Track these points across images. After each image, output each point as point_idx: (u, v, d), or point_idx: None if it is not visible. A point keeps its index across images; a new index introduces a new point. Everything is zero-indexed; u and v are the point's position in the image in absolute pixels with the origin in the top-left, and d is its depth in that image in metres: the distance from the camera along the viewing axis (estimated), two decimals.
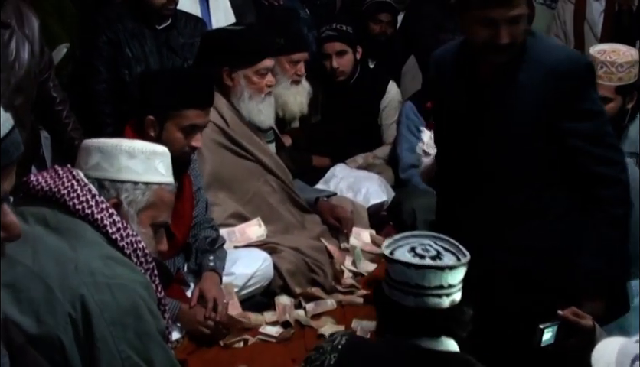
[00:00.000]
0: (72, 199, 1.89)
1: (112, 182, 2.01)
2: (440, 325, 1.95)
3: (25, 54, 3.32)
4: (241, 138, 3.51)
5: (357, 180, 4.17)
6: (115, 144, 2.04)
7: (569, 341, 2.40)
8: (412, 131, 4.34)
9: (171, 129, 2.86)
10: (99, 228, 1.89)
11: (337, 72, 4.52)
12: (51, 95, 3.53)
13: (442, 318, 1.95)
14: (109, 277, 1.80)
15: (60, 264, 1.77)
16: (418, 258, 1.96)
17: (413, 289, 1.93)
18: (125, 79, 3.80)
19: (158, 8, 3.81)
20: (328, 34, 4.54)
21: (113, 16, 3.83)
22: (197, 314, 2.86)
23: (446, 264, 1.94)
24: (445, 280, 1.93)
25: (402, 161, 4.35)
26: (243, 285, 3.13)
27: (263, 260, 3.22)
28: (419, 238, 2.05)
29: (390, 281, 1.98)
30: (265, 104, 3.55)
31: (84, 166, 2.02)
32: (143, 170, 2.04)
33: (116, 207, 1.96)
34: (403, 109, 4.41)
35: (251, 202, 3.50)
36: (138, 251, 1.93)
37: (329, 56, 4.51)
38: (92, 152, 2.03)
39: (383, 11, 5.23)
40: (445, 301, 1.94)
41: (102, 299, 1.77)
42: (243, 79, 3.47)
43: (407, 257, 1.96)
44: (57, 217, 1.87)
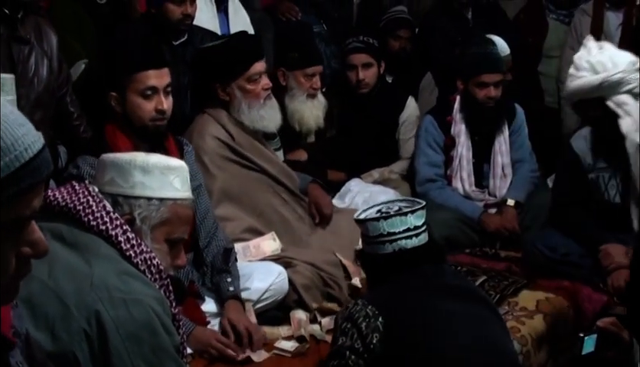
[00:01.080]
0: (87, 215, 1.90)
1: (126, 198, 2.01)
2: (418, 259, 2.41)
3: (44, 70, 3.36)
4: (248, 151, 3.52)
5: (372, 194, 4.17)
6: (129, 160, 2.04)
7: (608, 352, 2.42)
8: (431, 145, 4.33)
9: (132, 98, 2.88)
10: (113, 244, 1.89)
11: (362, 84, 4.53)
12: (69, 110, 3.57)
13: (419, 254, 2.42)
14: (125, 292, 1.80)
15: (76, 280, 1.78)
16: (384, 214, 2.44)
17: (386, 237, 2.42)
18: None
19: (175, 23, 3.83)
20: (356, 46, 4.55)
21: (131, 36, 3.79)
22: (210, 338, 2.81)
23: (408, 209, 2.45)
24: (411, 223, 2.42)
25: (419, 175, 4.34)
26: (258, 299, 3.13)
27: (278, 274, 3.22)
28: (383, 204, 2.53)
29: (367, 240, 2.47)
30: (266, 108, 3.54)
31: (100, 181, 2.04)
32: (158, 185, 2.04)
33: (129, 223, 1.97)
34: (423, 123, 4.40)
35: (263, 215, 3.51)
36: (153, 267, 1.94)
37: (355, 68, 4.52)
38: (107, 167, 2.05)
39: (402, 28, 5.24)
40: (415, 240, 2.42)
41: (117, 314, 1.77)
42: (237, 90, 3.47)
43: (375, 215, 2.45)
44: (73, 233, 1.88)
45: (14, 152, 1.03)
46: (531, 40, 5.25)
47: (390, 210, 2.46)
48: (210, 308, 3.01)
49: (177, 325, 1.97)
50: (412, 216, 2.43)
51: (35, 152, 1.05)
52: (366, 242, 2.50)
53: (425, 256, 2.45)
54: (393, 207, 2.49)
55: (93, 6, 4.06)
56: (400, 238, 2.42)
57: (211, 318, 2.97)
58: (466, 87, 4.21)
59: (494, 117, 4.26)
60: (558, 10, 5.23)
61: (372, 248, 2.47)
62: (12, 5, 3.24)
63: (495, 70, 4.18)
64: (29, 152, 1.04)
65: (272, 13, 4.97)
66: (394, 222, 2.42)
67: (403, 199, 2.65)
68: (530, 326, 3.31)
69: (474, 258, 3.98)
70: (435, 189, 4.28)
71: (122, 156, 2.08)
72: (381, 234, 2.43)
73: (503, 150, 4.32)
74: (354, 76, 4.53)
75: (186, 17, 3.83)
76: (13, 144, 1.03)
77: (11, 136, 1.03)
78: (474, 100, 4.19)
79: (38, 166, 1.06)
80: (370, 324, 2.27)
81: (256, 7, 4.77)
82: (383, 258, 2.44)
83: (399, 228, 2.42)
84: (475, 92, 4.17)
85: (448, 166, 4.34)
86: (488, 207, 4.28)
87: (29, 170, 1.04)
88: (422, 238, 2.45)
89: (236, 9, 4.39)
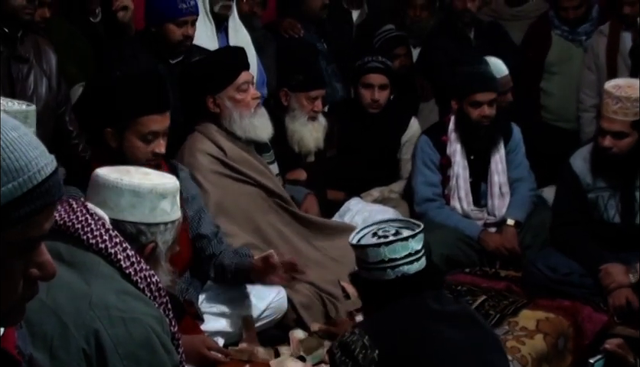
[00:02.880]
0: (86, 233, 1.89)
1: (149, 225, 2.04)
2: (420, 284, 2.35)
3: (43, 89, 3.37)
4: (240, 165, 3.51)
5: (371, 214, 4.16)
6: (150, 188, 2.05)
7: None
8: (427, 165, 4.33)
9: (131, 139, 2.81)
10: (112, 263, 1.88)
11: (376, 104, 4.54)
12: (68, 129, 3.57)
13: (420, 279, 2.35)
14: (124, 311, 1.79)
15: (74, 299, 1.77)
16: (382, 239, 2.36)
17: (388, 263, 2.33)
18: None
19: (175, 44, 3.82)
20: (375, 66, 4.56)
21: (127, 52, 3.84)
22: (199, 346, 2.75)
23: (409, 234, 2.36)
24: (412, 247, 2.34)
25: (417, 195, 4.33)
26: (257, 318, 3.12)
27: (277, 292, 3.20)
28: (375, 225, 2.46)
29: (366, 266, 2.37)
30: (257, 117, 3.53)
31: (115, 208, 2.03)
32: (170, 209, 2.09)
33: (153, 250, 2.00)
34: (418, 143, 4.40)
35: (259, 230, 3.50)
36: (152, 285, 1.93)
37: (371, 87, 4.53)
38: (124, 193, 2.05)
39: (398, 45, 5.26)
40: (416, 265, 2.34)
41: (116, 333, 1.76)
42: (227, 100, 3.46)
43: (372, 240, 2.36)
44: (71, 251, 1.86)
45: (28, 173, 1.04)
46: (533, 54, 5.26)
47: (388, 233, 2.38)
48: (210, 327, 2.99)
49: (176, 344, 1.96)
50: (413, 241, 2.36)
51: (48, 174, 1.07)
52: (364, 268, 2.40)
53: (426, 281, 2.38)
54: (389, 230, 2.40)
55: (87, 25, 4.05)
56: (402, 264, 2.34)
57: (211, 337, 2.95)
58: (460, 106, 4.21)
59: (489, 136, 4.26)
60: (562, 26, 5.24)
61: (371, 274, 2.37)
62: (12, 24, 3.26)
63: (488, 89, 4.18)
64: (42, 174, 1.06)
65: (274, 30, 4.97)
66: (396, 247, 2.33)
67: (397, 220, 2.59)
68: (530, 345, 3.30)
69: (474, 278, 3.97)
70: (434, 209, 4.28)
71: (141, 183, 2.07)
72: (382, 260, 2.34)
73: (499, 169, 4.31)
74: (368, 95, 4.54)
75: (186, 38, 3.82)
76: (27, 165, 1.04)
77: (25, 157, 1.04)
78: (468, 119, 4.18)
79: (50, 188, 1.07)
80: (367, 356, 2.23)
81: (256, 26, 4.78)
82: (383, 284, 2.35)
83: (400, 254, 2.34)
84: (469, 112, 4.17)
85: (445, 185, 4.33)
86: (488, 226, 4.27)
87: (41, 191, 1.05)
88: (422, 262, 2.38)
89: (237, 28, 4.39)
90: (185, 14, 3.78)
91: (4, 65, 3.26)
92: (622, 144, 3.60)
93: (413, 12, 5.53)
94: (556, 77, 5.27)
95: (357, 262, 2.43)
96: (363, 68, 4.57)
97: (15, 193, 1.02)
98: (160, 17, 3.81)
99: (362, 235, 2.43)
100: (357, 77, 4.60)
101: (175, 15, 3.77)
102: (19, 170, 1.03)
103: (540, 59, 5.25)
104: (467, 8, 5.17)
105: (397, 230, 2.39)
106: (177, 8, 3.77)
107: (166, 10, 3.78)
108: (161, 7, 3.81)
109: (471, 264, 4.13)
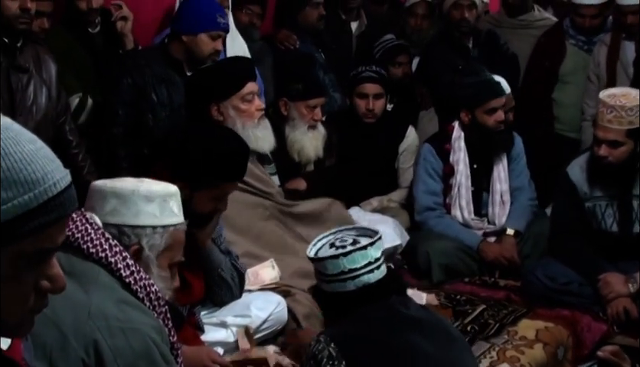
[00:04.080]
0: (86, 242, 1.89)
1: (133, 227, 2.02)
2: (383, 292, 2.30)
3: (43, 98, 3.38)
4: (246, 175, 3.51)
5: (370, 223, 4.14)
6: (132, 190, 2.04)
7: None
8: (430, 174, 4.33)
9: (202, 197, 2.72)
10: (112, 272, 1.88)
11: (371, 114, 4.55)
12: (67, 139, 3.58)
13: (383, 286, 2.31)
14: (123, 321, 1.79)
15: (74, 309, 1.76)
16: (340, 249, 2.30)
17: (348, 274, 2.28)
18: (148, 123, 3.80)
19: (204, 57, 3.81)
20: (369, 75, 4.57)
21: (142, 60, 3.84)
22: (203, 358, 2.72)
23: (367, 242, 2.31)
24: (371, 256, 2.29)
25: (418, 203, 4.34)
26: (257, 329, 3.11)
27: (277, 303, 3.20)
28: (332, 235, 2.41)
29: (325, 278, 2.32)
30: (260, 128, 3.55)
31: (100, 211, 2.03)
32: (160, 213, 2.05)
33: (138, 253, 1.98)
34: (421, 151, 4.40)
35: (260, 238, 3.50)
36: (152, 294, 1.93)
37: (366, 97, 4.55)
38: (107, 197, 2.04)
39: (400, 54, 5.27)
40: (377, 273, 2.30)
41: (115, 344, 1.75)
42: (231, 110, 3.46)
43: (331, 251, 2.31)
44: (71, 261, 1.86)
45: (44, 185, 1.05)
46: (548, 63, 5.25)
47: (346, 243, 2.32)
48: (210, 338, 2.99)
49: (175, 354, 1.96)
50: (372, 249, 2.31)
51: (62, 187, 1.08)
52: (324, 281, 2.34)
53: (389, 288, 2.33)
54: (347, 239, 2.35)
55: (86, 36, 4.06)
56: (363, 273, 2.29)
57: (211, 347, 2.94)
58: (473, 117, 4.21)
59: (506, 139, 4.29)
60: (578, 35, 5.23)
61: (331, 286, 2.32)
62: (11, 34, 3.26)
63: (500, 94, 4.23)
64: (57, 187, 1.07)
65: (271, 42, 4.99)
66: (355, 257, 2.28)
67: (353, 228, 2.52)
68: (529, 355, 3.30)
69: (473, 287, 3.98)
70: (434, 218, 4.28)
71: (123, 185, 2.07)
72: (342, 271, 2.29)
73: (502, 177, 4.32)
74: (363, 104, 4.55)
75: (215, 52, 3.82)
76: (43, 178, 1.05)
77: (42, 169, 1.05)
78: (484, 128, 4.19)
79: (64, 201, 1.08)
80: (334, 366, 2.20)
81: (254, 38, 4.79)
82: (345, 296, 2.30)
83: (360, 264, 2.28)
84: (485, 120, 4.18)
85: (447, 194, 4.34)
86: (487, 236, 4.28)
87: (56, 204, 1.07)
88: (382, 269, 2.34)
89: (234, 38, 4.40)
90: (221, 29, 3.83)
91: (3, 75, 3.27)
92: (617, 152, 3.61)
93: (414, 21, 5.55)
94: (569, 87, 5.22)
95: (317, 275, 2.38)
96: (357, 78, 4.59)
97: (31, 204, 1.03)
98: (196, 26, 3.81)
99: (319, 247, 2.38)
100: (352, 87, 4.62)
101: (211, 27, 3.80)
102: (35, 183, 1.04)
103: (554, 69, 5.23)
104: (465, 18, 5.19)
105: (355, 239, 2.35)
106: (216, 21, 3.81)
107: (204, 20, 3.80)
108: (199, 16, 3.82)
109: (470, 274, 4.13)
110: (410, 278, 4.03)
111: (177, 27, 3.91)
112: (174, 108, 3.79)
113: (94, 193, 2.08)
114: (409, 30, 5.57)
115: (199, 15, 3.81)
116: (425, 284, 3.99)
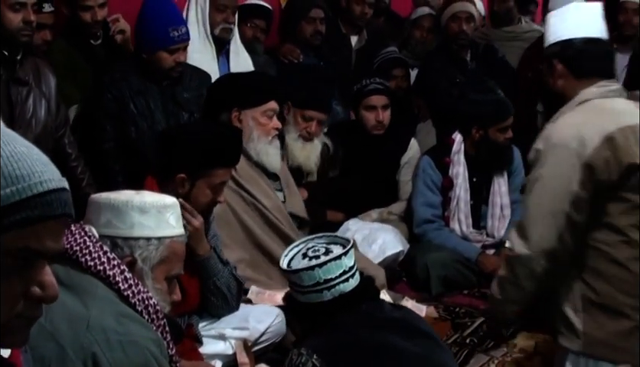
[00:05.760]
0: (84, 255, 1.89)
1: (125, 239, 2.01)
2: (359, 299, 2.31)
3: (42, 111, 3.38)
4: (247, 183, 3.54)
5: (371, 231, 4.17)
6: (125, 201, 2.03)
7: None
8: (429, 186, 4.33)
9: (201, 187, 2.89)
10: (111, 285, 1.88)
11: (380, 125, 4.55)
12: (66, 151, 3.58)
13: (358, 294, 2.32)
14: (122, 334, 1.78)
15: (72, 322, 1.76)
16: (314, 260, 2.31)
17: (324, 285, 2.29)
18: (131, 135, 3.80)
19: (167, 70, 3.82)
20: (376, 87, 4.58)
21: (118, 74, 3.84)
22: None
23: (341, 252, 2.31)
24: (346, 265, 2.30)
25: (416, 216, 4.34)
26: (256, 341, 3.11)
27: (276, 315, 3.20)
28: (303, 244, 2.42)
29: (300, 289, 2.32)
30: (272, 147, 3.59)
31: (95, 223, 2.02)
32: (155, 224, 2.04)
33: (131, 265, 1.97)
34: (421, 163, 4.41)
35: (255, 249, 3.50)
36: (150, 307, 1.93)
37: (375, 109, 4.55)
38: (102, 209, 2.04)
39: (396, 67, 5.29)
40: (352, 282, 2.31)
41: (114, 356, 1.75)
42: (251, 120, 3.51)
43: (305, 263, 2.30)
44: (70, 274, 1.86)
45: (29, 182, 1.06)
46: (532, 75, 5.27)
47: (319, 253, 2.33)
48: (209, 350, 2.99)
49: (173, 366, 1.96)
50: (345, 258, 2.32)
51: (50, 188, 1.08)
52: (299, 292, 2.36)
53: (364, 294, 2.35)
54: (319, 249, 2.36)
55: (88, 49, 4.07)
56: (338, 282, 2.31)
57: (209, 360, 2.95)
58: (485, 133, 4.21)
59: (510, 155, 4.33)
60: None
61: (307, 297, 2.33)
62: (11, 47, 3.27)
63: (512, 113, 4.26)
64: (44, 186, 1.08)
65: (274, 55, 5.01)
66: (330, 268, 2.29)
67: (322, 236, 2.52)
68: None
69: (472, 299, 3.97)
70: (433, 231, 4.28)
71: (117, 197, 2.06)
72: (317, 282, 2.30)
73: (502, 190, 4.33)
74: (372, 117, 4.55)
75: (178, 64, 3.81)
76: (29, 175, 1.06)
77: (29, 168, 1.07)
78: (494, 144, 4.21)
79: (51, 201, 1.08)
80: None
81: (258, 52, 4.81)
82: (321, 305, 2.31)
83: (335, 273, 2.30)
84: (497, 137, 4.21)
85: (445, 207, 4.34)
86: (486, 248, 4.28)
87: (40, 201, 1.07)
88: (356, 277, 2.35)
89: (238, 52, 4.41)
90: (177, 42, 3.78)
91: (3, 88, 3.27)
92: None
93: (419, 34, 5.58)
94: None
95: (291, 286, 2.38)
96: (363, 91, 4.58)
97: (12, 198, 1.04)
98: (152, 46, 3.79)
99: (291, 257, 2.38)
100: (358, 100, 4.60)
101: (167, 44, 3.76)
102: (19, 178, 1.05)
103: (538, 80, 5.25)
104: (463, 30, 5.22)
105: (327, 248, 2.35)
106: (169, 36, 3.75)
107: (157, 38, 3.76)
108: (151, 36, 3.78)
109: (469, 286, 4.13)
110: (409, 290, 4.03)
111: (137, 47, 3.93)
112: (155, 119, 3.80)
113: (91, 206, 2.08)
114: (413, 41, 5.59)
115: (152, 34, 3.78)
116: (424, 296, 3.99)
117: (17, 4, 3.20)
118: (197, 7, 4.30)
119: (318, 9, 5.13)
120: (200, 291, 3.00)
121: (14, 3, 3.20)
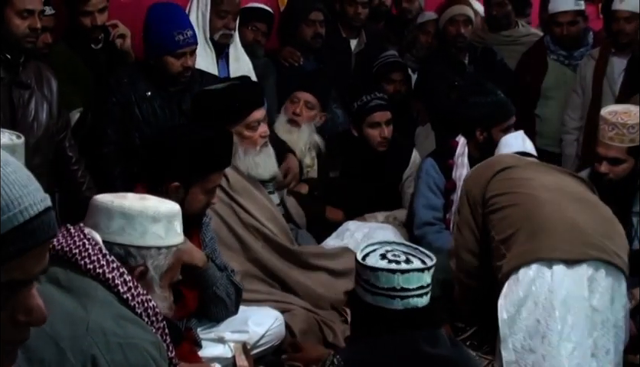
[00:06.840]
0: (83, 258, 1.90)
1: (139, 248, 2.03)
2: (422, 321, 2.17)
3: (44, 115, 3.39)
4: (241, 197, 3.51)
5: (371, 229, 4.16)
6: (139, 210, 2.04)
7: None
8: (431, 188, 4.31)
9: (196, 193, 2.87)
10: (110, 288, 1.89)
11: (385, 141, 4.50)
12: (67, 155, 3.59)
13: (425, 315, 2.17)
14: (121, 336, 1.79)
15: (72, 325, 1.77)
16: (394, 264, 2.17)
17: (399, 292, 2.14)
18: (135, 141, 3.78)
19: (175, 76, 3.80)
20: (379, 103, 4.51)
21: (125, 78, 3.83)
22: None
23: (427, 265, 2.19)
24: (425, 280, 2.17)
25: (417, 218, 4.31)
26: (255, 344, 3.12)
27: (275, 319, 3.21)
28: (378, 244, 2.27)
29: (372, 289, 2.16)
30: (261, 156, 3.56)
31: (105, 229, 2.03)
32: (165, 233, 2.07)
33: (143, 274, 1.99)
34: (423, 165, 4.37)
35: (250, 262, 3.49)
36: (149, 310, 1.94)
37: (379, 125, 4.48)
38: (114, 216, 2.04)
39: (394, 71, 5.28)
40: (425, 299, 2.17)
41: (113, 359, 1.76)
42: (235, 135, 3.40)
43: (383, 264, 2.17)
44: (69, 276, 1.87)
45: (7, 213, 1.00)
46: (529, 79, 5.28)
47: (399, 259, 2.18)
48: (208, 353, 2.99)
49: None
50: (427, 273, 2.18)
51: (32, 215, 1.02)
52: (369, 291, 2.18)
53: (427, 318, 2.19)
54: (399, 255, 2.21)
55: (88, 53, 4.08)
56: (413, 295, 2.15)
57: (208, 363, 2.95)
58: (489, 134, 4.21)
59: None
60: (559, 50, 5.26)
61: (376, 299, 2.16)
62: (14, 50, 3.28)
63: (514, 112, 4.26)
64: (24, 214, 1.01)
65: (275, 58, 5.01)
66: (411, 277, 2.15)
67: (402, 244, 2.37)
68: None
69: None
70: (433, 233, 4.26)
71: (130, 205, 2.07)
72: (394, 287, 2.14)
73: None
74: (377, 134, 4.48)
75: (186, 69, 3.79)
76: (7, 205, 1.00)
77: (6, 196, 1.00)
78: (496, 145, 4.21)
79: (33, 230, 1.02)
80: None
81: (259, 55, 4.81)
82: (386, 313, 2.16)
83: (414, 285, 2.15)
84: (500, 137, 4.20)
85: (447, 210, 4.33)
86: None
87: (22, 232, 1.01)
88: (428, 297, 2.20)
89: (238, 56, 4.41)
90: (183, 46, 3.75)
91: (5, 91, 3.28)
92: (618, 170, 3.62)
93: (425, 39, 5.59)
94: (551, 102, 5.27)
95: (360, 282, 2.21)
96: (365, 108, 4.50)
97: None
98: (158, 51, 3.78)
99: (367, 253, 2.23)
100: (361, 117, 4.52)
101: (173, 48, 3.74)
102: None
103: (536, 84, 5.27)
104: (461, 33, 5.23)
105: (408, 257, 2.21)
106: (175, 40, 3.73)
107: (163, 43, 3.75)
108: (158, 41, 3.78)
109: None
110: None
111: (145, 53, 3.93)
112: (160, 126, 3.74)
113: (98, 210, 2.07)
114: (418, 45, 5.59)
115: (158, 40, 3.77)
116: None
117: (25, 11, 3.22)
118: (197, 11, 4.30)
119: (318, 12, 5.13)
120: (198, 295, 3.01)
121: (22, 10, 3.22)
